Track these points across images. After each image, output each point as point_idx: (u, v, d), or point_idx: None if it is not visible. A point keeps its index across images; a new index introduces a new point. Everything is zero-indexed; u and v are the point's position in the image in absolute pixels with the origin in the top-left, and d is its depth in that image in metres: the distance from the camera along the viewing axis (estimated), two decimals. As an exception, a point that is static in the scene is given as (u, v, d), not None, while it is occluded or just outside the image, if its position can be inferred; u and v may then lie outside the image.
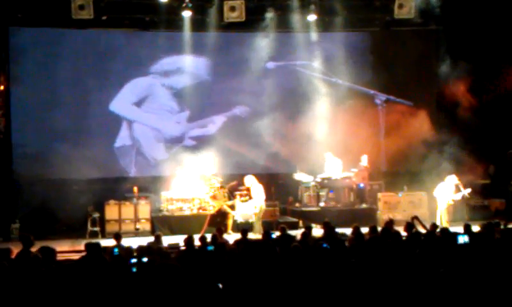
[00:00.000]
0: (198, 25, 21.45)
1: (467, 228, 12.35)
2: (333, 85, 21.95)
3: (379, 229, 12.87)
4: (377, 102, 22.33)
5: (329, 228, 13.58)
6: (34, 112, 20.65)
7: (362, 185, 20.49)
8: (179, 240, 13.57)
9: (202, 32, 21.52)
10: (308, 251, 9.45)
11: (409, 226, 13.30)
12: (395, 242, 10.75)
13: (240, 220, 19.01)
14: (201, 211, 19.39)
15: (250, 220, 18.95)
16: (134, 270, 8.78)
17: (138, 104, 22.09)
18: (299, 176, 20.62)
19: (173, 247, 13.32)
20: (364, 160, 20.52)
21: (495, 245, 10.12)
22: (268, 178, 20.42)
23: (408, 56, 22.13)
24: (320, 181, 20.26)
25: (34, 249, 10.46)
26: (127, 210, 19.37)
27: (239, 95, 21.97)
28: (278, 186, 20.47)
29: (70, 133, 20.63)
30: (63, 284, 7.48)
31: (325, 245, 9.74)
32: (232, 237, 15.55)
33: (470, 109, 20.92)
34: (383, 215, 19.59)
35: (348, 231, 13.52)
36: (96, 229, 19.02)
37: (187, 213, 19.47)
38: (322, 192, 20.43)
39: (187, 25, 21.41)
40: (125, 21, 21.40)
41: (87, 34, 21.09)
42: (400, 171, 21.31)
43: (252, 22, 21.33)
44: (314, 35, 22.02)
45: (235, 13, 20.42)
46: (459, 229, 12.78)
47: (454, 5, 21.39)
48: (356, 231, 12.47)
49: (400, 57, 22.28)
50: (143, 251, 10.59)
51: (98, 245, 10.48)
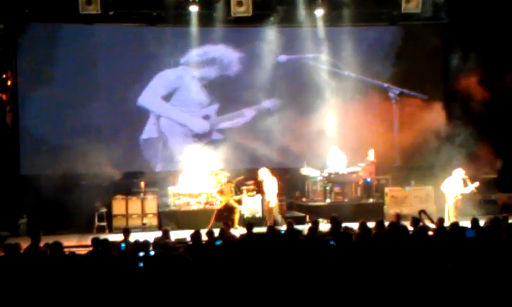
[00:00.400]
0: (205, 20, 21.44)
1: (474, 222, 12.33)
2: (346, 78, 21.94)
3: (386, 223, 12.85)
4: (391, 95, 22.26)
5: (336, 223, 13.57)
6: (42, 107, 20.67)
7: (369, 179, 20.47)
8: (186, 235, 13.58)
9: (209, 27, 21.53)
10: (314, 246, 9.45)
11: (416, 221, 13.28)
12: (402, 237, 10.71)
13: (247, 214, 19.01)
14: (208, 206, 19.40)
15: (257, 215, 18.96)
16: (141, 265, 8.80)
17: (167, 97, 22.10)
18: (306, 170, 20.61)
19: (180, 242, 13.34)
20: (371, 155, 20.49)
21: (502, 240, 10.09)
22: (275, 172, 20.38)
23: (418, 50, 22.13)
24: (327, 175, 20.23)
25: (42, 243, 10.51)
26: (134, 205, 19.34)
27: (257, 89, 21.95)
28: (284, 181, 20.44)
29: (80, 128, 20.65)
30: (70, 279, 7.50)
31: (332, 243, 9.72)
32: (239, 232, 15.56)
33: (480, 102, 20.84)
34: (390, 209, 19.56)
35: (355, 225, 13.50)
36: (103, 224, 19.06)
37: (194, 208, 19.47)
38: (328, 187, 20.40)
39: (194, 20, 21.40)
40: (132, 16, 21.38)
41: (96, 28, 21.14)
42: (416, 166, 21.19)
43: (259, 17, 21.31)
44: (323, 29, 21.99)
45: (243, 7, 20.35)
46: (467, 223, 12.75)
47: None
48: (362, 226, 12.45)
49: (410, 51, 22.25)
50: (157, 246, 10.63)
51: (105, 240, 10.53)
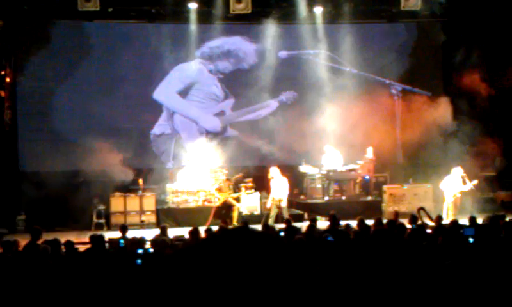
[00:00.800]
0: (204, 17, 21.44)
1: (472, 220, 12.35)
2: (347, 75, 21.97)
3: (385, 221, 12.87)
4: (393, 91, 22.24)
5: (334, 220, 13.59)
6: (40, 104, 20.67)
7: (367, 177, 20.48)
8: (184, 232, 13.58)
9: (207, 24, 21.55)
10: (313, 244, 9.45)
11: (414, 219, 13.30)
12: (400, 234, 10.72)
13: (245, 212, 19.00)
14: (206, 203, 19.39)
15: (255, 213, 18.96)
16: (139, 262, 8.80)
17: (183, 92, 22.10)
18: (305, 168, 20.60)
19: (179, 239, 13.34)
20: (369, 152, 20.49)
21: (500, 238, 10.10)
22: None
23: (419, 47, 22.17)
24: (325, 173, 20.22)
25: (41, 241, 10.52)
26: (132, 202, 19.32)
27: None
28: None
29: (77, 125, 20.66)
30: (68, 276, 7.50)
31: (330, 238, 9.73)
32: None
33: (481, 99, 20.81)
34: (388, 207, 19.56)
35: (353, 223, 13.51)
36: (102, 221, 19.05)
37: (193, 205, 19.47)
38: (327, 185, 20.40)
39: (193, 17, 21.40)
40: (131, 13, 21.38)
41: (100, 24, 21.27)
42: (414, 164, 21.16)
43: (258, 14, 21.33)
44: (323, 26, 22.02)
45: (241, 4, 20.38)
46: (465, 221, 12.78)
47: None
48: (360, 223, 12.47)
49: (412, 48, 22.27)
50: (155, 244, 10.64)
51: (100, 237, 10.54)
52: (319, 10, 21.69)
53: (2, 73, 20.71)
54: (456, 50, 21.78)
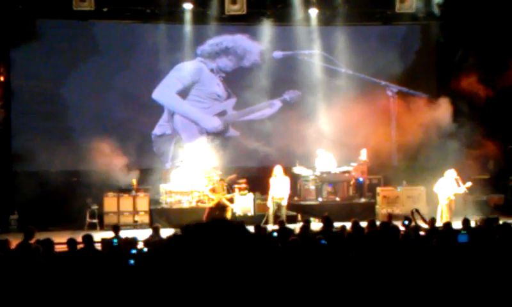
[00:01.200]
0: (199, 17, 21.42)
1: (466, 222, 12.35)
2: (343, 76, 21.99)
3: (378, 223, 12.87)
4: (389, 93, 22.25)
5: (328, 222, 13.58)
6: (34, 103, 20.62)
7: (361, 179, 20.48)
8: (177, 232, 13.49)
9: (202, 25, 21.54)
10: (306, 245, 9.44)
11: (408, 221, 13.31)
12: (393, 236, 10.72)
13: (239, 213, 18.99)
14: (199, 204, 19.37)
15: (249, 214, 18.95)
16: (132, 262, 8.77)
17: (184, 92, 22.04)
18: (299, 169, 20.58)
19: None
20: (363, 154, 20.49)
21: (493, 241, 10.10)
22: (266, 171, 20.39)
23: (414, 48, 22.19)
24: (319, 175, 20.22)
25: (33, 240, 10.48)
26: (126, 202, 19.27)
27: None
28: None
29: (72, 125, 20.61)
30: (59, 276, 7.47)
31: (323, 242, 9.72)
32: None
33: (475, 102, 20.80)
34: (381, 209, 19.57)
35: (346, 225, 13.50)
36: (95, 221, 19.00)
37: (186, 206, 19.44)
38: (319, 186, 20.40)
39: (188, 17, 21.37)
40: (126, 13, 21.33)
41: (97, 24, 21.25)
42: (408, 166, 21.12)
43: (253, 15, 21.33)
44: (318, 28, 22.05)
45: (236, 5, 20.35)
46: (458, 224, 12.78)
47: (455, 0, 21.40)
48: (355, 225, 12.46)
49: (408, 49, 22.29)
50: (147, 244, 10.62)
51: (89, 237, 10.53)
52: (314, 12, 21.71)
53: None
54: (451, 52, 21.84)
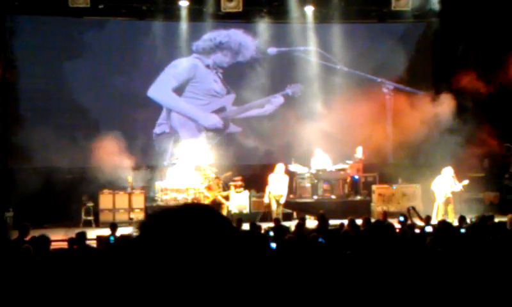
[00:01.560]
0: (195, 15, 21.40)
1: (462, 220, 12.38)
2: (338, 73, 22.01)
3: (373, 221, 12.88)
4: (385, 90, 22.24)
5: (323, 220, 13.60)
6: (30, 100, 20.58)
7: (357, 177, 20.50)
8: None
9: (198, 23, 21.53)
10: (303, 243, 9.43)
11: (403, 218, 13.33)
12: (389, 234, 10.72)
13: (234, 210, 18.98)
14: (195, 201, 19.35)
15: (244, 211, 18.95)
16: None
17: (179, 90, 22.00)
18: (294, 167, 20.59)
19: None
20: (359, 152, 20.51)
21: (488, 238, 10.12)
22: (262, 169, 20.41)
23: (410, 46, 22.21)
24: (315, 172, 20.24)
25: (29, 237, 10.47)
26: (121, 200, 19.26)
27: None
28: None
29: (68, 122, 20.58)
30: (52, 274, 7.45)
31: (320, 240, 9.72)
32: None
33: (471, 99, 20.79)
34: (377, 207, 19.60)
35: (343, 223, 13.51)
36: (90, 218, 18.97)
37: (181, 203, 19.36)
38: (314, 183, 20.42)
39: (184, 14, 21.35)
40: (121, 10, 21.29)
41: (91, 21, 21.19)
42: (403, 164, 21.11)
43: (250, 13, 21.33)
44: (314, 26, 22.07)
45: (233, 3, 20.36)
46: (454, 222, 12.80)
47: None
48: (351, 223, 12.48)
49: (403, 47, 22.29)
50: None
51: (82, 234, 10.53)
52: (310, 9, 21.73)
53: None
54: (447, 49, 21.85)
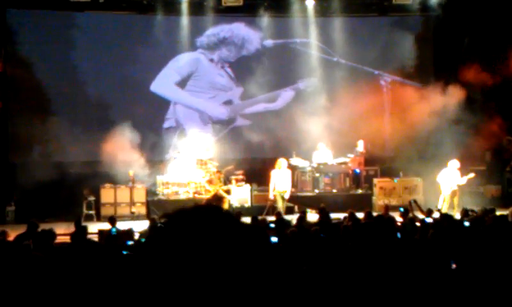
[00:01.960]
0: (196, 9, 21.37)
1: (465, 213, 12.38)
2: (337, 67, 21.98)
3: (375, 214, 12.89)
4: (382, 83, 22.21)
5: (325, 213, 13.60)
6: (30, 94, 20.56)
7: (358, 170, 20.49)
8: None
9: (199, 16, 21.50)
10: (305, 237, 9.44)
11: (405, 211, 13.34)
12: (390, 228, 10.72)
13: (236, 204, 18.99)
14: (196, 195, 19.35)
15: (246, 205, 18.95)
16: (125, 253, 8.75)
17: (182, 83, 21.98)
18: (295, 161, 20.58)
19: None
20: (360, 146, 20.50)
21: (489, 231, 10.13)
22: (263, 162, 20.42)
23: (410, 38, 22.19)
24: (316, 166, 20.24)
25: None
26: (123, 194, 19.26)
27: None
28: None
29: (69, 117, 20.58)
30: (54, 268, 7.46)
31: (322, 235, 9.72)
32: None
33: (472, 92, 20.74)
34: (378, 200, 19.60)
35: (345, 216, 13.52)
36: (92, 212, 18.98)
37: (183, 197, 19.41)
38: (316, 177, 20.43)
39: (185, 8, 21.32)
40: (122, 4, 21.26)
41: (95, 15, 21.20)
42: (405, 157, 21.05)
43: (250, 6, 21.32)
44: (314, 19, 22.06)
45: (233, -4, 20.37)
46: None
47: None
48: (351, 216, 12.48)
49: (403, 40, 22.27)
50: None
51: (83, 227, 10.55)
52: (310, 3, 21.72)
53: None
54: (449, 42, 21.80)
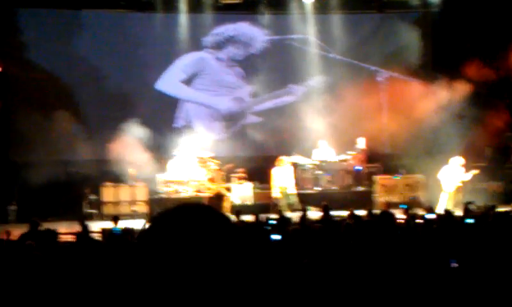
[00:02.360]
0: (194, 6, 21.38)
1: (467, 209, 12.40)
2: (335, 62, 22.00)
3: (376, 212, 12.89)
4: (382, 79, 22.20)
5: (327, 211, 13.62)
6: (31, 93, 20.57)
7: (359, 167, 20.47)
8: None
9: (198, 14, 21.51)
10: (307, 234, 9.46)
11: (406, 208, 13.37)
12: (391, 225, 10.74)
13: (237, 202, 19.00)
14: (197, 193, 19.36)
15: (247, 203, 18.96)
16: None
17: (188, 82, 21.99)
18: (295, 158, 20.57)
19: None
20: (361, 143, 20.48)
21: (491, 227, 10.15)
22: (263, 160, 20.43)
23: (408, 34, 22.20)
24: (317, 163, 20.24)
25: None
26: (124, 192, 19.29)
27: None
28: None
29: (70, 114, 20.60)
30: (58, 267, 7.48)
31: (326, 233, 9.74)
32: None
33: (472, 89, 20.72)
34: (379, 198, 19.60)
35: (345, 214, 13.54)
36: (93, 211, 18.98)
37: (184, 195, 19.42)
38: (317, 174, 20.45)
39: (183, 6, 21.34)
40: (120, 2, 21.25)
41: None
42: (406, 154, 21.02)
43: (249, 4, 21.32)
44: (312, 16, 22.07)
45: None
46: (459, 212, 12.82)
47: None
48: (352, 214, 12.50)
49: (400, 35, 22.26)
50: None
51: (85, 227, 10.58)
52: (308, 0, 21.75)
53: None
54: (447, 38, 21.78)
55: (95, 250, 9.11)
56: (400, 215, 12.79)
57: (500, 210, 13.21)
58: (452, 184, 17.72)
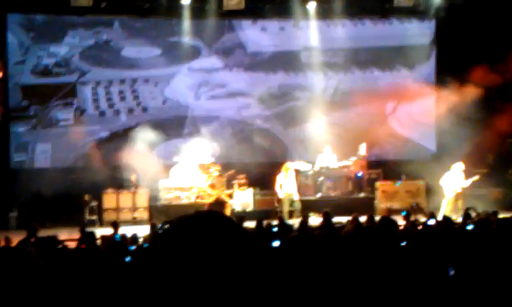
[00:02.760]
0: (197, 12, 21.38)
1: (467, 215, 12.36)
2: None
3: (377, 218, 12.86)
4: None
5: (328, 217, 13.59)
6: (33, 100, 20.59)
7: (360, 174, 20.46)
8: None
9: (201, 20, 21.52)
10: (307, 240, 9.42)
11: (407, 215, 13.33)
12: (392, 231, 10.70)
13: (238, 208, 18.98)
14: (198, 200, 19.35)
15: (248, 209, 18.94)
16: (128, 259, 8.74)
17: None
18: (297, 164, 20.56)
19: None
20: (362, 149, 20.46)
21: (492, 234, 10.10)
22: (265, 166, 20.41)
23: (411, 40, 22.18)
24: (318, 170, 20.22)
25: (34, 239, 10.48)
26: (125, 199, 19.27)
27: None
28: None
29: (71, 120, 20.61)
30: (59, 273, 7.45)
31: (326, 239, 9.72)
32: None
33: (474, 95, 20.68)
34: (380, 204, 19.57)
35: (345, 220, 13.51)
36: (94, 217, 18.96)
37: (185, 202, 19.39)
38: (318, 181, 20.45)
39: (187, 12, 21.35)
40: (123, 8, 21.28)
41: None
42: (407, 160, 21.00)
43: (252, 10, 21.34)
44: (315, 22, 22.10)
45: (235, 0, 20.35)
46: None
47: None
48: (355, 220, 12.47)
49: (404, 41, 22.24)
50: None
51: (91, 233, 10.55)
52: (312, 6, 21.75)
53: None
54: (451, 44, 21.76)
55: (96, 257, 9.08)
56: (401, 221, 12.76)
57: (501, 216, 13.15)
58: (452, 190, 17.68)
